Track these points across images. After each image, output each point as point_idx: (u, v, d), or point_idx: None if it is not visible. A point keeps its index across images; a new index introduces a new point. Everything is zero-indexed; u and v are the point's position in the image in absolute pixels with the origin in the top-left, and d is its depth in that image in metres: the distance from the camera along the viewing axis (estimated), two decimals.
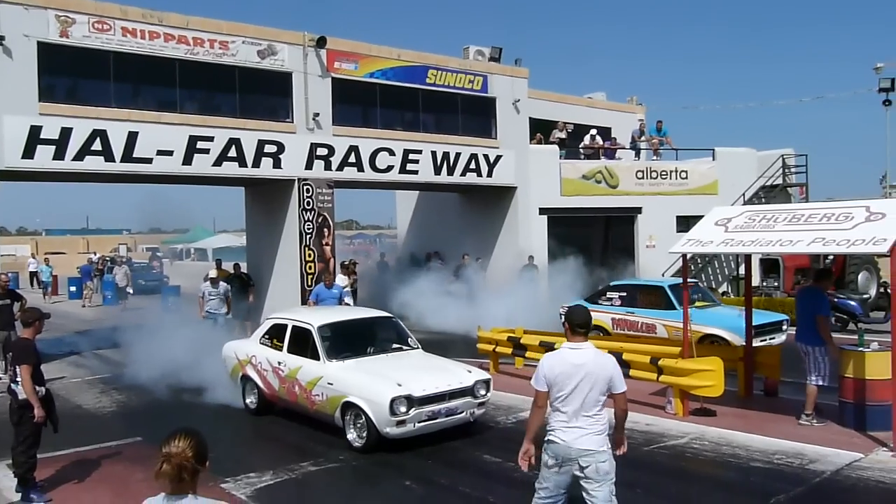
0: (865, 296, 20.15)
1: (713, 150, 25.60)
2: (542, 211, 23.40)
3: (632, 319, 14.83)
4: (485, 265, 23.81)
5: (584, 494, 5.00)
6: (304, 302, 18.42)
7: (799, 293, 10.43)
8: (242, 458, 8.67)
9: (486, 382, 9.18)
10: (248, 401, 10.74)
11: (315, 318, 9.98)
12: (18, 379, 7.18)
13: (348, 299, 15.95)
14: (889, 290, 13.61)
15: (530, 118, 23.77)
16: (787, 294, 20.70)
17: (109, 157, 16.04)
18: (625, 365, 10.66)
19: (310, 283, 18.70)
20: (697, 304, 13.81)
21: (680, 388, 9.87)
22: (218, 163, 17.50)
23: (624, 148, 26.25)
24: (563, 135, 24.76)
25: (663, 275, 23.52)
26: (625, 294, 15.27)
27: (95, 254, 44.78)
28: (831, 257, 19.89)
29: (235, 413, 10.81)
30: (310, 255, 18.86)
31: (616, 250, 23.44)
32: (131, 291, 29.14)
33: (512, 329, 13.51)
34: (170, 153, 16.79)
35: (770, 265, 22.08)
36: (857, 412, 8.92)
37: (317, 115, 18.94)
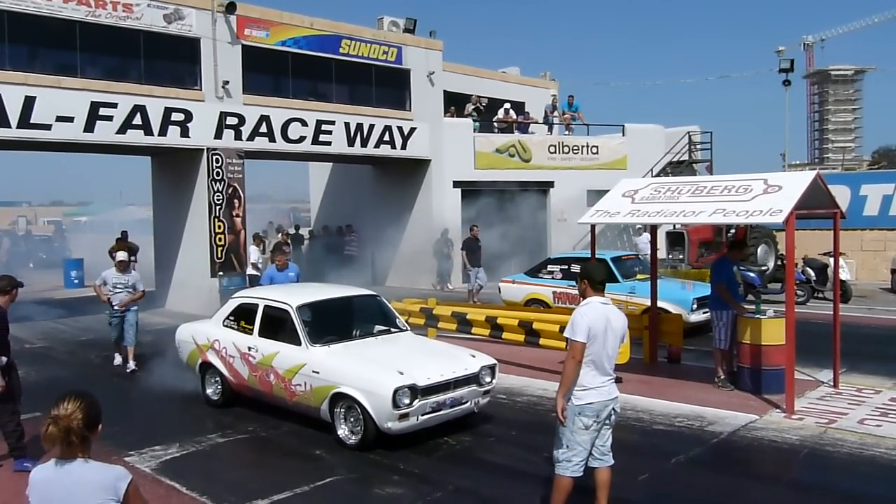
0: (764, 268, 21.03)
1: (623, 126, 26.18)
2: (456, 184, 23.46)
3: (574, 293, 13.84)
4: (398, 238, 23.82)
5: (597, 441, 5.33)
6: (214, 274, 18.04)
7: (712, 264, 10.80)
8: (147, 430, 8.42)
9: (492, 368, 8.18)
10: (208, 392, 9.46)
11: (292, 296, 8.71)
12: None
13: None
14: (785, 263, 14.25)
15: (445, 91, 23.77)
16: (692, 266, 21.40)
17: (4, 122, 15.21)
18: (534, 334, 10.90)
19: (220, 256, 18.29)
20: (639, 276, 13.74)
21: None
22: (122, 130, 16.80)
23: (537, 122, 26.52)
24: (476, 107, 24.85)
25: (574, 247, 24.02)
26: (566, 267, 14.72)
27: None
28: (733, 230, 20.68)
29: (143, 385, 10.52)
30: (220, 227, 18.40)
31: (528, 223, 23.73)
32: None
33: (424, 300, 13.56)
34: (70, 119, 16.03)
35: (675, 238, 22.75)
36: (754, 376, 9.31)
37: (226, 83, 18.41)
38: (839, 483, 6.50)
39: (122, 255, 12.01)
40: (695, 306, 13.18)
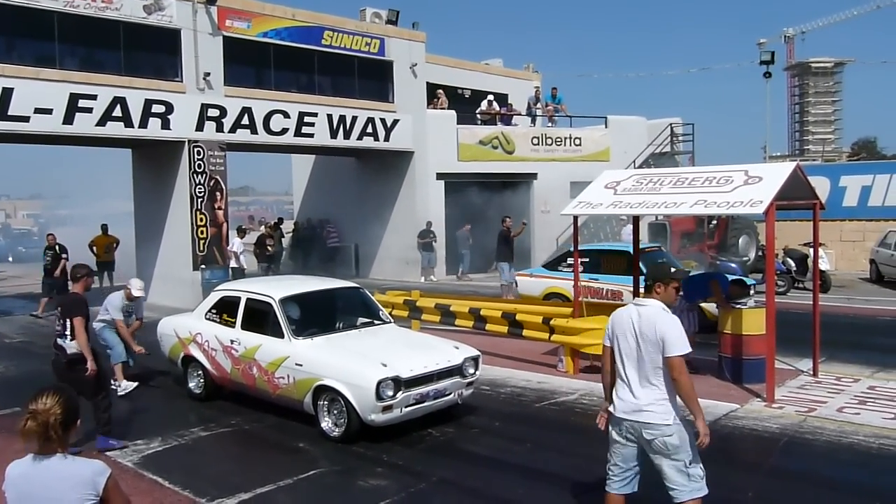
0: (745, 258, 21.19)
1: (606, 117, 26.24)
2: (440, 176, 23.45)
3: (595, 286, 13.70)
4: (381, 230, 23.82)
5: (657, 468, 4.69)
6: (196, 267, 17.94)
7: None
8: (130, 426, 8.37)
9: (475, 360, 8.18)
10: (191, 385, 9.37)
11: (274, 289, 8.65)
12: (67, 333, 7.21)
13: None
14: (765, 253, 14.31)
15: (427, 83, 23.70)
16: (674, 257, 21.55)
17: None
18: (518, 325, 10.93)
19: (202, 249, 18.18)
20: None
21: (570, 346, 10.14)
22: (102, 122, 16.61)
23: (520, 114, 26.51)
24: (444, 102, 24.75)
25: (557, 239, 24.10)
26: (587, 259, 13.69)
27: None
28: (715, 221, 20.82)
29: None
30: (201, 220, 18.27)
31: (511, 216, 23.81)
32: None
33: (408, 292, 13.55)
34: (49, 111, 15.81)
35: (658, 229, 22.90)
36: (735, 366, 9.40)
37: (207, 74, 18.25)
38: (819, 470, 6.57)
39: (137, 288, 10.04)
40: None
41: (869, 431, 7.37)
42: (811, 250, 11.18)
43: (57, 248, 17.27)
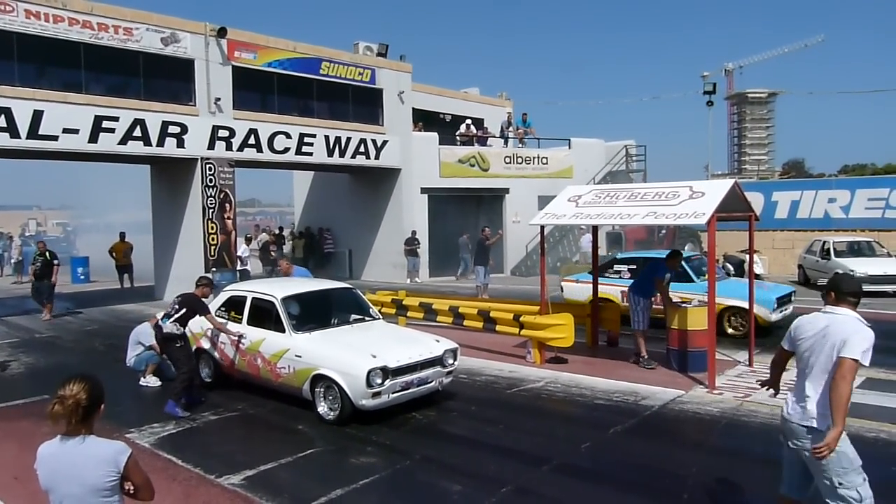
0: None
1: (569, 140, 26.35)
2: (424, 190, 23.45)
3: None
4: (372, 237, 23.80)
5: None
6: (208, 270, 17.81)
7: (649, 263, 10.86)
8: (146, 410, 8.30)
9: (454, 351, 8.22)
10: (202, 374, 9.33)
11: (277, 290, 8.64)
12: (169, 318, 8.22)
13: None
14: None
15: (413, 108, 23.72)
16: None
17: (14, 133, 14.82)
18: (492, 321, 10.94)
19: (213, 254, 18.06)
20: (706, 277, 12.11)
21: (538, 340, 10.16)
22: (123, 141, 16.49)
23: (494, 136, 26.56)
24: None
25: (527, 246, 24.17)
26: (634, 267, 12.62)
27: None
28: (664, 231, 20.97)
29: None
30: (212, 228, 18.16)
31: (487, 225, 23.89)
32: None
33: (396, 292, 13.52)
34: (76, 131, 15.68)
35: (615, 238, 23.06)
36: (681, 357, 9.45)
37: (218, 99, 18.16)
38: (753, 448, 6.62)
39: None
40: (776, 305, 11.78)
41: None
42: (747, 256, 11.27)
43: (48, 254, 16.29)
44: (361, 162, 22.03)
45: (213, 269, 17.92)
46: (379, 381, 7.23)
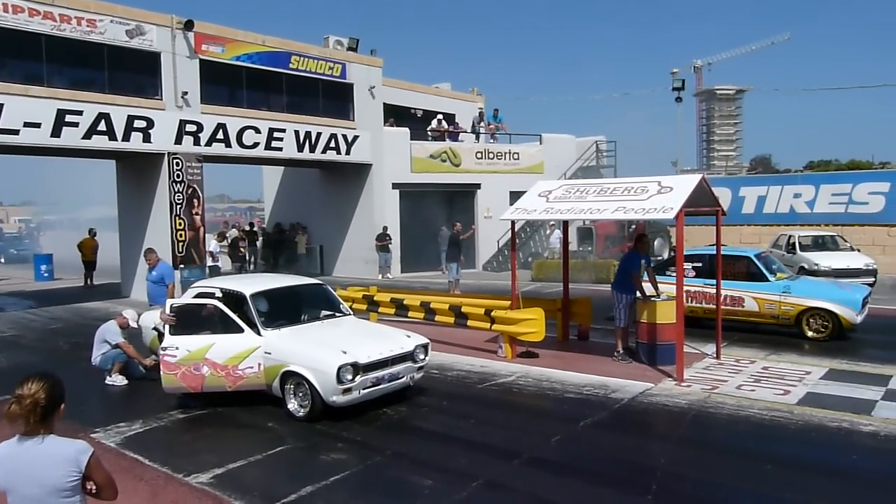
0: (660, 258, 21.63)
1: (540, 135, 26.48)
2: (395, 186, 23.38)
3: (713, 292, 11.04)
4: (343, 233, 23.66)
5: None
6: (176, 267, 17.57)
7: (623, 256, 10.89)
8: (113, 410, 8.17)
9: (425, 347, 8.18)
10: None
11: (246, 286, 8.50)
12: None
13: None
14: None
15: (384, 103, 23.62)
16: (599, 257, 21.86)
17: None
18: (463, 316, 10.95)
19: (181, 250, 17.81)
20: (779, 275, 11.55)
21: (509, 334, 10.18)
22: (87, 136, 16.17)
23: (465, 132, 26.60)
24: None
25: (498, 241, 24.24)
26: (700, 265, 11.86)
27: None
28: (633, 225, 21.16)
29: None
30: (181, 224, 17.90)
31: (459, 220, 23.93)
32: None
33: (367, 288, 13.47)
34: (37, 125, 15.33)
35: (585, 233, 23.23)
36: (650, 350, 9.53)
37: (185, 93, 17.90)
38: (720, 439, 6.72)
39: (133, 319, 9.72)
40: (861, 306, 10.91)
41: (762, 405, 7.57)
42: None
43: None
44: (332, 157, 21.89)
45: (182, 266, 17.69)
46: (350, 377, 7.20)
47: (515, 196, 11.98)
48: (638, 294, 9.67)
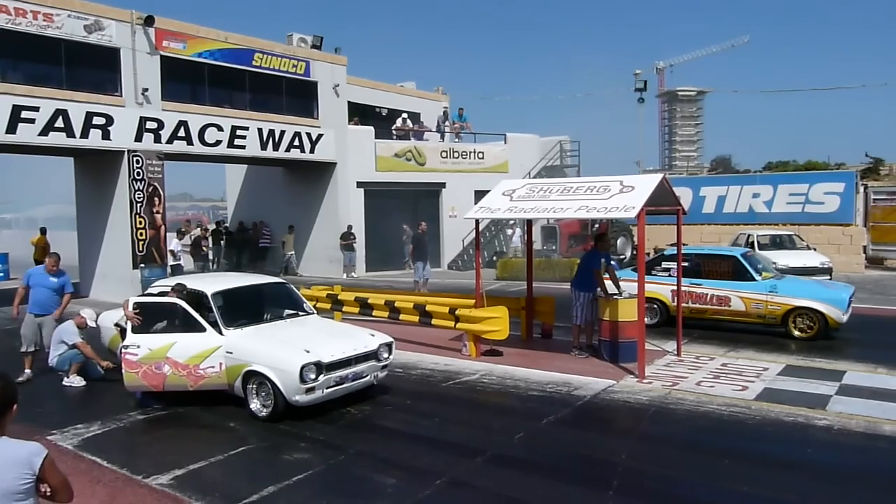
0: (622, 256, 21.91)
1: (505, 135, 26.61)
2: (360, 184, 23.29)
3: (699, 291, 11.63)
4: (308, 232, 23.48)
5: None
6: (136, 266, 17.27)
7: (584, 254, 10.99)
8: (70, 411, 8.00)
9: (389, 345, 8.16)
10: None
11: (208, 285, 8.37)
12: None
13: None
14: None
15: (349, 102, 23.50)
16: (563, 256, 22.04)
17: None
18: (428, 315, 10.95)
19: (141, 249, 17.51)
20: (765, 275, 11.54)
21: (473, 333, 10.21)
22: (44, 132, 15.80)
23: (430, 131, 26.58)
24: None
25: (463, 240, 24.28)
26: (686, 264, 11.45)
27: None
28: (597, 224, 21.39)
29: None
30: (141, 223, 17.59)
31: (424, 219, 23.94)
32: None
33: (331, 286, 13.39)
34: None
35: (549, 232, 23.40)
36: (612, 348, 9.64)
37: (146, 90, 17.59)
38: (680, 434, 6.83)
39: (91, 318, 9.76)
40: (847, 306, 10.93)
41: (721, 401, 7.70)
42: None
43: None
44: (296, 155, 21.71)
45: (142, 265, 17.41)
46: (313, 376, 7.16)
47: (480, 195, 12.02)
48: (600, 291, 9.80)
